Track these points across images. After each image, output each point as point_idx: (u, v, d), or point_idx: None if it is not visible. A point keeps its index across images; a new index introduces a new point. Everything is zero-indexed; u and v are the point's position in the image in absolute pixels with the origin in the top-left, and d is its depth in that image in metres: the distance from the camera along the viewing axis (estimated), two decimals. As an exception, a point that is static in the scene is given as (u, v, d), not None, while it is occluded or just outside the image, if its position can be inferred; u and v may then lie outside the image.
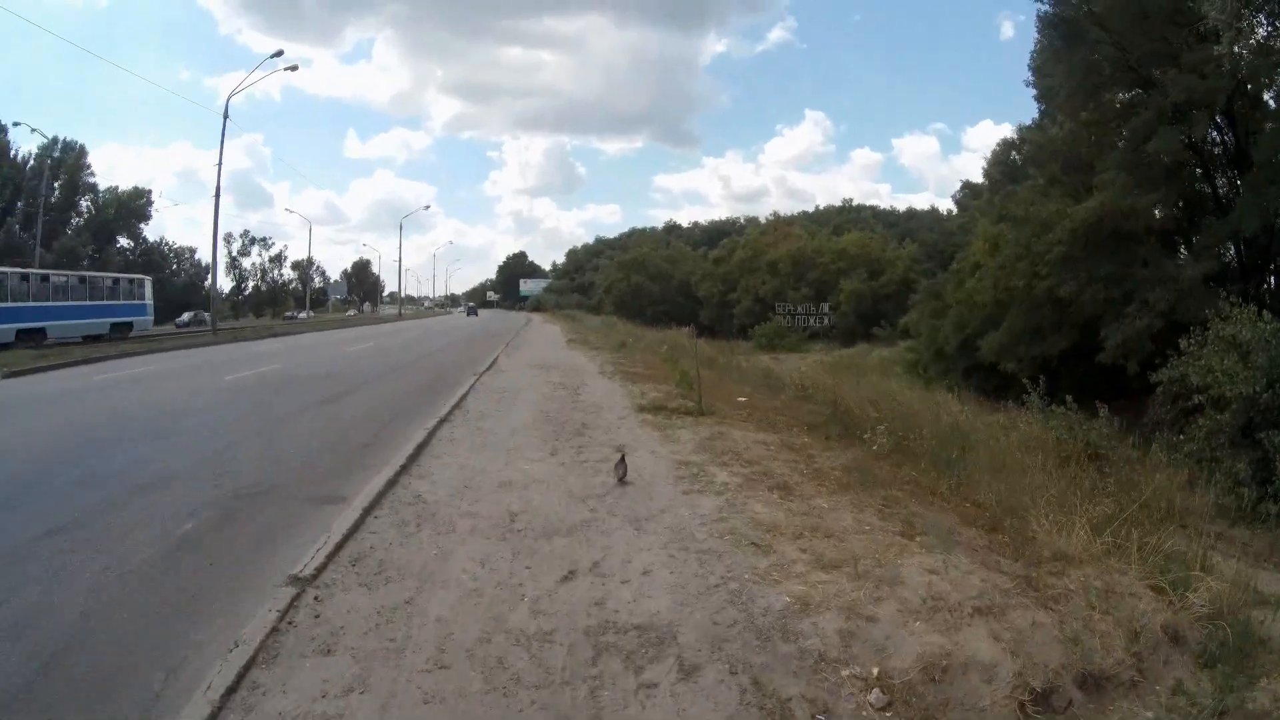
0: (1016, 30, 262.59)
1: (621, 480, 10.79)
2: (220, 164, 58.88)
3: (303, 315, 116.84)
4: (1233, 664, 6.08)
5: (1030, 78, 46.58)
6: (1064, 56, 39.35)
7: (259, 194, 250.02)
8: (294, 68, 58.93)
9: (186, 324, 76.42)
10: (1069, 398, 21.19)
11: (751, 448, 13.22)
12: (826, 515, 9.09)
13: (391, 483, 10.84)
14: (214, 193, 57.79)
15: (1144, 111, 35.82)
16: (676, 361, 20.25)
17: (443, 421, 15.93)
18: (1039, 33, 42.57)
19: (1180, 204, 37.78)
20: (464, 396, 19.90)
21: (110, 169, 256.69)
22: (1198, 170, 37.96)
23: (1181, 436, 22.74)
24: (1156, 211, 36.31)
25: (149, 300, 58.39)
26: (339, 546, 8.16)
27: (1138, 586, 7.06)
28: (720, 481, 10.71)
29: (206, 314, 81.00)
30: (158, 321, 65.04)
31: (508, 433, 14.88)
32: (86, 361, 32.76)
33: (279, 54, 55.45)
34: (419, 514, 9.45)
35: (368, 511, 9.41)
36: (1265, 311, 22.43)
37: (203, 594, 7.37)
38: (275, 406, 19.07)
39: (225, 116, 57.29)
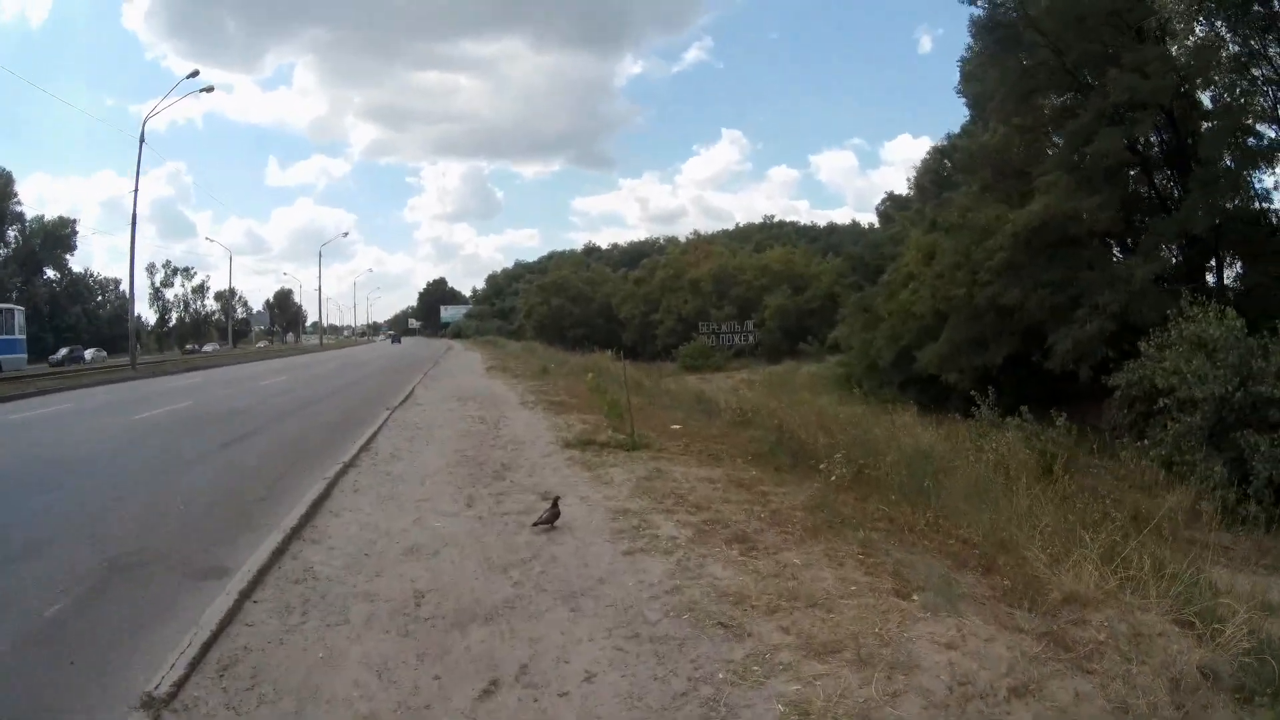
0: (935, 44, 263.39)
1: (551, 524, 9.64)
2: (136, 190, 56.29)
3: (208, 348, 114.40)
4: (1270, 695, 5.51)
5: (960, 85, 48.28)
6: (998, 61, 39.61)
7: (182, 223, 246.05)
8: (209, 89, 58.47)
9: (60, 361, 72.75)
10: (1024, 408, 20.46)
11: (696, 487, 11.79)
12: (801, 574, 7.70)
13: (280, 551, 9.21)
14: (131, 221, 55.85)
15: (1083, 114, 35.86)
16: (604, 390, 18.64)
17: (348, 467, 14.35)
18: (972, 37, 43.11)
19: (1120, 206, 37.03)
20: (374, 435, 18.40)
21: (39, 199, 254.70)
22: (1133, 171, 38.08)
23: (1145, 441, 22.25)
24: (1100, 214, 35.37)
25: (19, 335, 55.69)
26: (207, 647, 6.57)
27: (1163, 624, 6.50)
28: (667, 535, 9.20)
29: (86, 350, 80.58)
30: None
31: (418, 479, 13.33)
32: (4, 400, 31.47)
33: (195, 74, 55.09)
34: (307, 595, 7.84)
35: (247, 594, 7.81)
36: (1229, 309, 21.68)
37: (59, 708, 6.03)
38: (176, 450, 17.55)
39: (141, 140, 55.33)
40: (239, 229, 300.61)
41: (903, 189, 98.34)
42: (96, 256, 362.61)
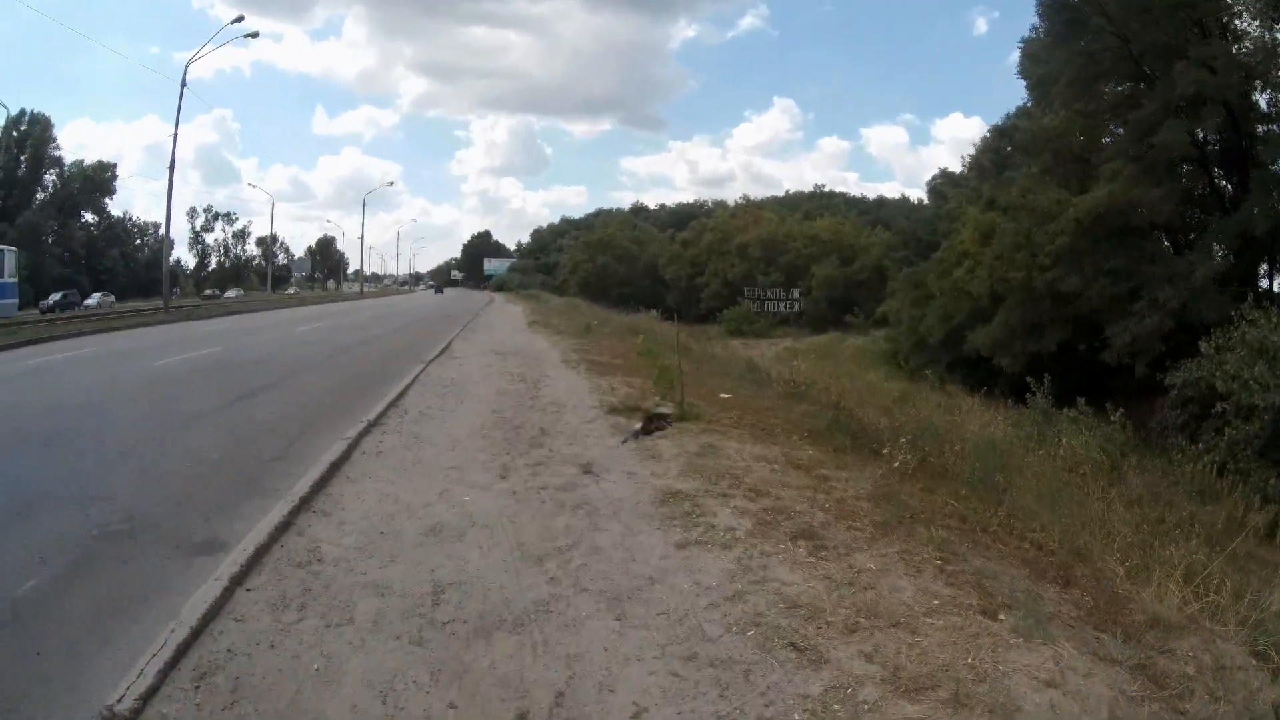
0: (990, 26, 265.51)
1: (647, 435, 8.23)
2: (176, 134, 58.33)
3: (231, 294, 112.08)
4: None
5: (1020, 66, 46.13)
6: (1064, 44, 38.17)
7: (226, 169, 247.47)
8: (254, 34, 57.78)
9: (51, 308, 69.81)
10: (1080, 400, 19.48)
11: (753, 467, 10.57)
12: (878, 582, 6.61)
13: (284, 525, 8.14)
14: (169, 164, 56.54)
15: (1147, 104, 34.53)
16: (654, 354, 17.50)
17: (372, 426, 13.31)
18: (1039, 17, 41.41)
19: (1180, 200, 36.21)
20: (405, 391, 17.31)
21: (81, 145, 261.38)
22: (1189, 167, 37.08)
23: (1199, 446, 21.38)
24: (1161, 206, 34.34)
25: (9, 278, 53.41)
26: (184, 649, 5.54)
27: (1242, 655, 5.88)
28: (724, 525, 8.05)
29: (93, 295, 79.22)
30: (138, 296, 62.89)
31: (448, 444, 12.21)
32: (32, 342, 31.29)
33: (239, 19, 53.81)
34: (308, 585, 6.75)
35: (240, 579, 6.76)
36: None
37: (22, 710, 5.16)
38: (192, 401, 16.40)
39: (183, 85, 54.23)
40: (284, 176, 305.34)
41: (954, 166, 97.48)
42: (138, 201, 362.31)
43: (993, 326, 39.81)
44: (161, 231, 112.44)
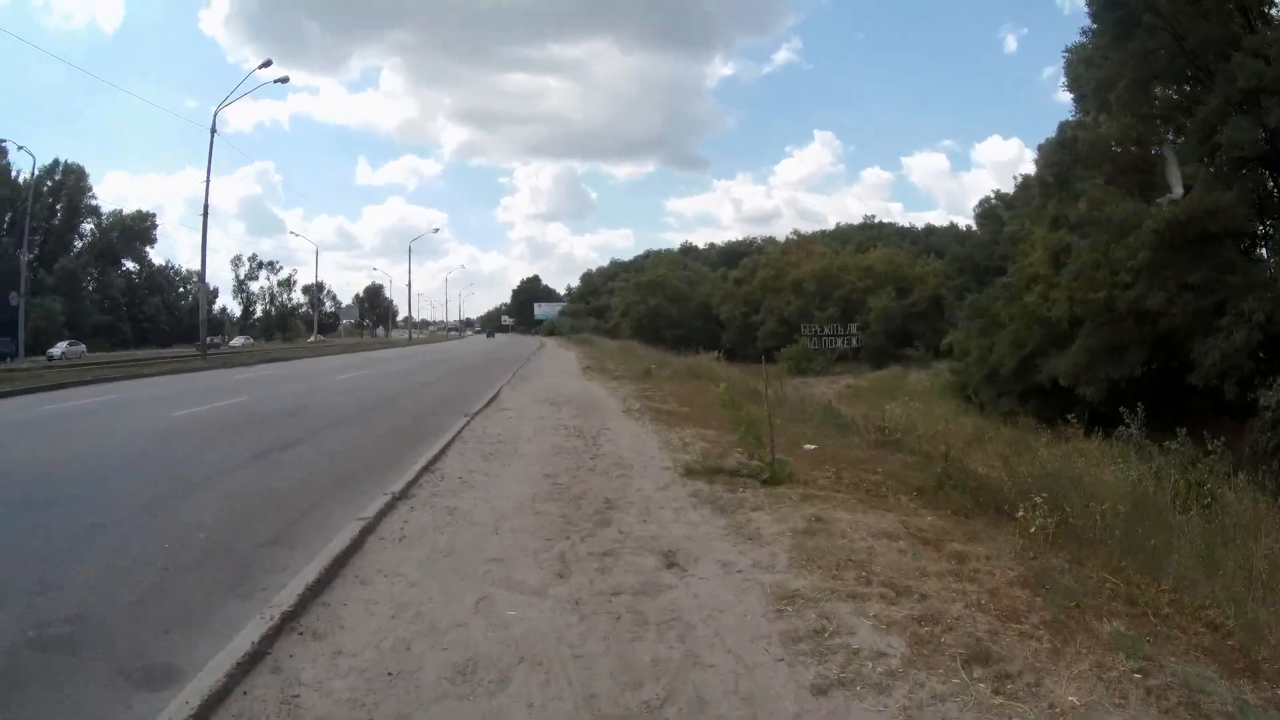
0: (1020, 43, 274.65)
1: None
2: (208, 180, 58.39)
3: (236, 342, 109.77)
4: None
5: (1066, 74, 45.86)
6: (1119, 44, 36.44)
7: (270, 220, 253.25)
8: (284, 79, 58.99)
9: (58, 356, 68.91)
10: (1181, 430, 17.54)
11: (875, 547, 8.46)
12: None
13: (256, 655, 5.81)
14: (203, 210, 56.36)
15: (1209, 101, 33.09)
16: (738, 404, 15.04)
17: (399, 499, 10.94)
18: (1091, 18, 40.05)
19: (1252, 203, 34.42)
20: (444, 450, 15.02)
21: (120, 197, 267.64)
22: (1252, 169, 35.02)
23: None
24: (1235, 211, 32.53)
25: None
26: None
27: None
28: (870, 649, 5.83)
29: (84, 344, 77.68)
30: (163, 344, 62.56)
31: (491, 523, 9.79)
32: (59, 386, 31.41)
33: (267, 64, 55.53)
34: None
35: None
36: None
37: None
38: (200, 461, 14.56)
39: (213, 131, 54.22)
40: (329, 226, 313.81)
41: (999, 188, 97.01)
42: (182, 251, 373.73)
43: (1073, 352, 37.86)
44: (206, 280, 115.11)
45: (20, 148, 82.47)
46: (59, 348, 75.10)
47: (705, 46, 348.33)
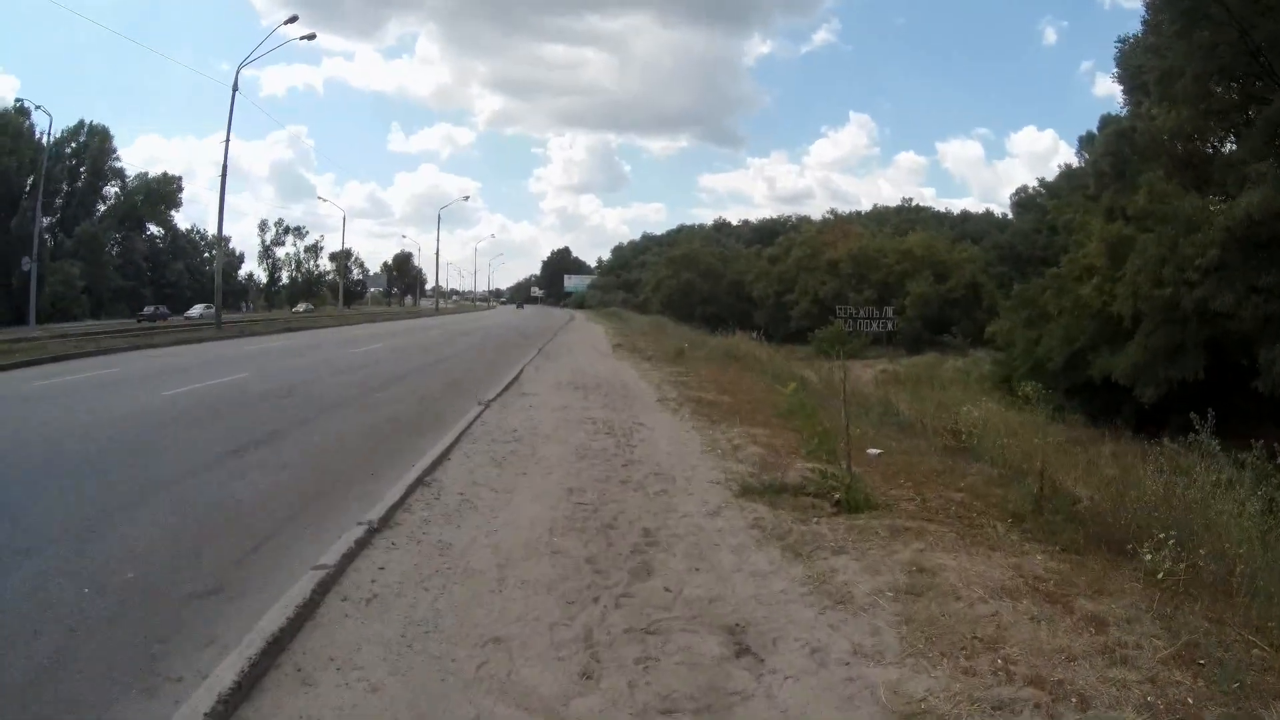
0: (1059, 35, 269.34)
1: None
2: (228, 138, 54.45)
3: (196, 310, 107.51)
4: None
5: (1117, 64, 46.10)
6: (1184, 34, 34.69)
7: (302, 185, 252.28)
8: (311, 36, 56.80)
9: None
10: (1258, 442, 14.71)
11: (999, 612, 6.57)
12: None
13: None
14: (221, 171, 54.68)
15: (1277, 99, 32.16)
16: (811, 410, 12.67)
17: (378, 529, 8.51)
18: (1147, 9, 39.76)
19: None
20: (450, 448, 12.77)
21: (151, 159, 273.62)
22: None
23: None
24: None
25: None
26: None
27: None
28: None
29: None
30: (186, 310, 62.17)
31: (494, 571, 7.41)
32: (58, 359, 29.65)
33: (293, 19, 52.89)
34: None
35: None
36: None
37: None
38: (169, 455, 12.70)
39: (234, 89, 52.66)
40: (361, 193, 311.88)
41: (1036, 177, 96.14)
42: (211, 216, 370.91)
43: (1133, 351, 35.71)
44: (232, 244, 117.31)
45: (37, 107, 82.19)
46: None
47: (744, 24, 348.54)
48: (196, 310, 78.11)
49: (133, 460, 12.41)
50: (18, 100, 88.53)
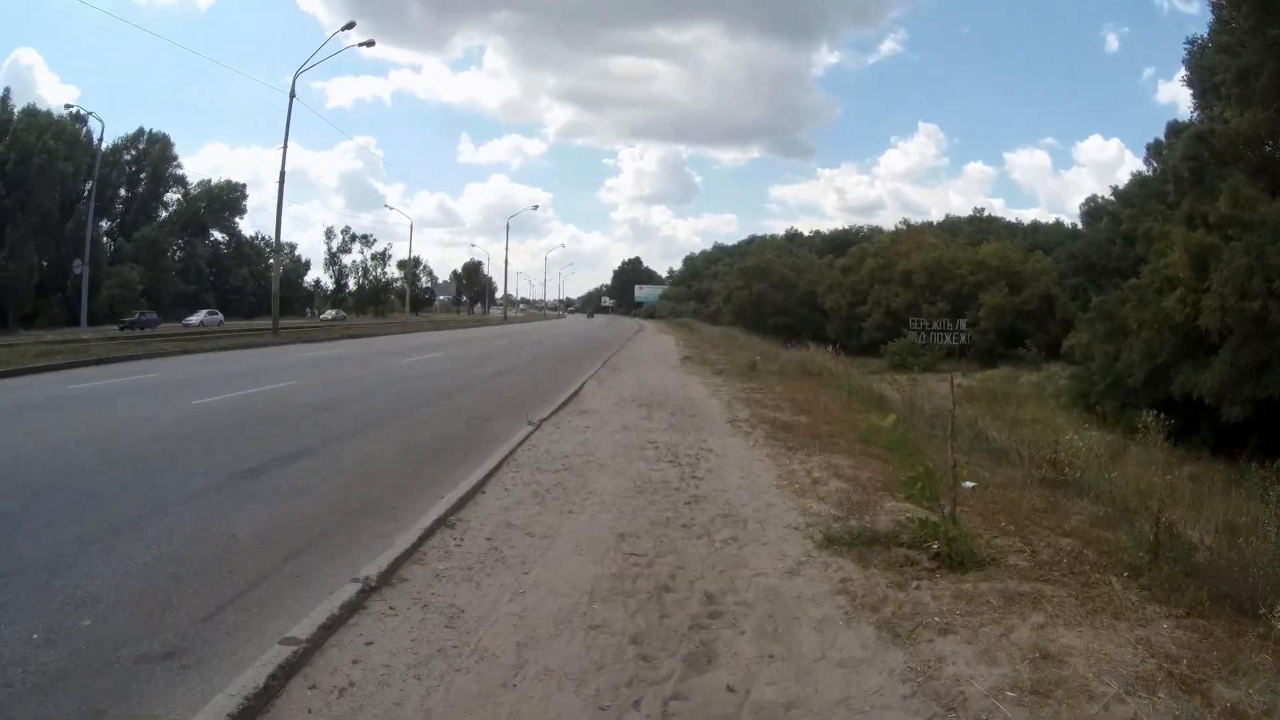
0: (1121, 42, 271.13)
1: None
2: (285, 144, 59.29)
3: (329, 314, 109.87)
4: None
5: (1188, 65, 45.89)
6: (1259, 32, 33.81)
7: (370, 195, 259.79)
8: (370, 43, 60.09)
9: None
10: None
11: (1135, 707, 5.41)
12: None
13: None
14: (279, 176, 54.84)
15: None
16: (914, 450, 10.73)
17: (376, 587, 6.95)
18: (1216, 7, 39.23)
19: None
20: (488, 478, 11.24)
21: (217, 168, 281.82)
22: None
23: None
24: None
25: None
26: None
27: None
28: None
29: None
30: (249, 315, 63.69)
31: (512, 654, 5.79)
32: (103, 361, 29.07)
33: (350, 26, 53.21)
34: None
35: None
36: None
37: None
38: (176, 475, 11.44)
39: (292, 95, 54.08)
40: (430, 202, 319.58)
41: (1109, 186, 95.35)
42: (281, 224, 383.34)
43: (1218, 367, 34.00)
44: (298, 251, 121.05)
45: (90, 114, 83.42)
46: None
47: (812, 36, 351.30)
48: (196, 318, 77.14)
49: (136, 479, 11.31)
50: (67, 106, 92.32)
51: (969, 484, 11.58)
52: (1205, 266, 36.06)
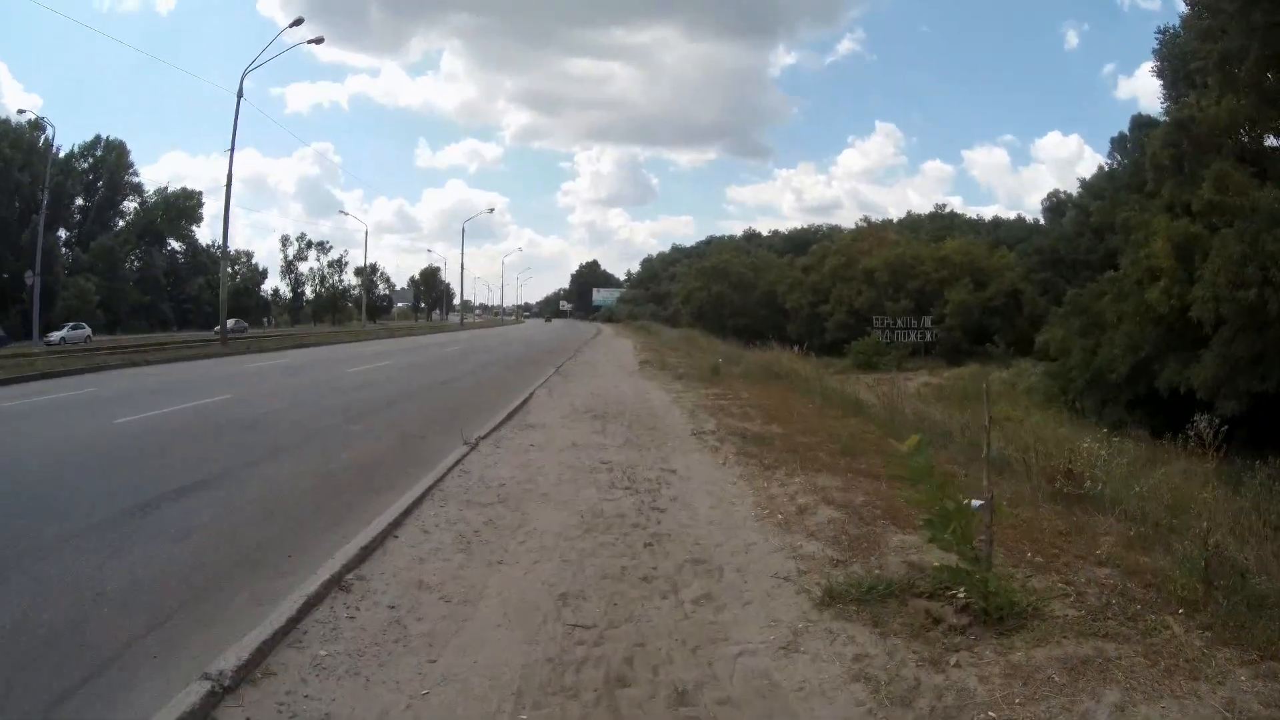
0: (1081, 39, 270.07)
1: None
2: (232, 147, 53.48)
3: (57, 335, 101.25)
4: None
5: (1158, 54, 47.70)
6: (1243, 16, 34.20)
7: (329, 201, 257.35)
8: (319, 40, 57.56)
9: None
10: None
11: None
12: None
13: None
14: (226, 181, 52.81)
15: None
16: (940, 481, 8.76)
17: (239, 679, 5.17)
18: None
19: None
20: (406, 514, 9.45)
21: (178, 176, 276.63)
22: None
23: None
24: None
25: None
26: None
27: None
28: None
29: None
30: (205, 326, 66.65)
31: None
32: (44, 376, 28.53)
33: (298, 22, 53.18)
34: None
35: None
36: None
37: None
38: (64, 511, 10.13)
39: (239, 95, 52.22)
40: (389, 209, 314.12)
41: (1062, 183, 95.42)
42: (237, 232, 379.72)
43: (1210, 359, 34.05)
44: (255, 260, 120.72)
45: (39, 118, 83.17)
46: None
47: (770, 35, 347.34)
48: (57, 335, 67.40)
49: (20, 514, 10.05)
50: (20, 111, 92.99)
51: (977, 502, 9.98)
52: (1190, 255, 36.47)
